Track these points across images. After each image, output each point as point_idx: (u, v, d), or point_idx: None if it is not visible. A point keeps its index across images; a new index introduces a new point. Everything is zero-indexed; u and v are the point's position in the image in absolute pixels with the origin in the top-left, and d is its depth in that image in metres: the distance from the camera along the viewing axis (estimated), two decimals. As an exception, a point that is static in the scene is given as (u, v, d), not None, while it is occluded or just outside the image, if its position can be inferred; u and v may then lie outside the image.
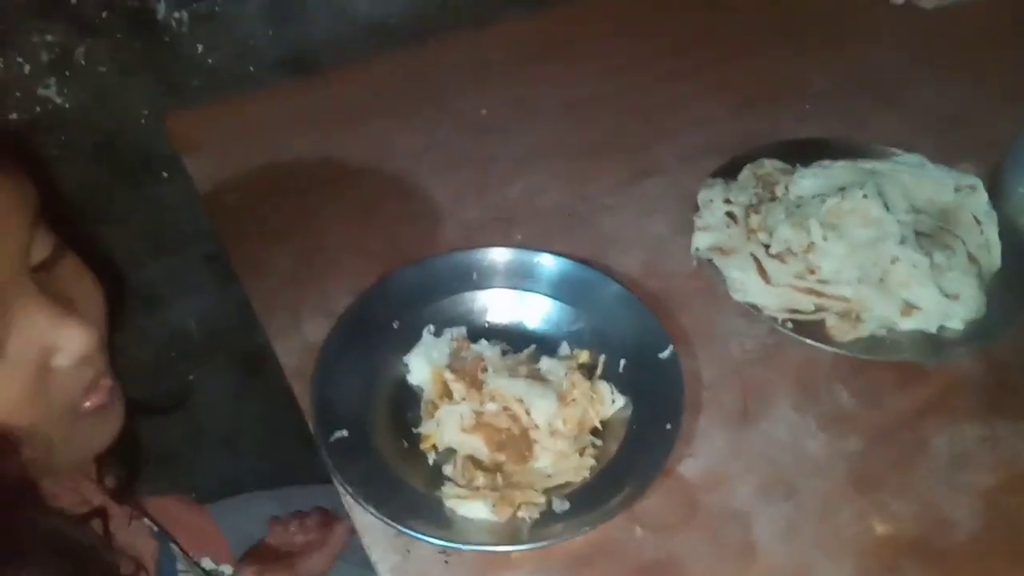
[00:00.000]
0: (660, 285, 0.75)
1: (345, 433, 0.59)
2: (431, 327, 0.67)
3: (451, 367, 0.63)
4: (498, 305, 0.70)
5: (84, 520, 0.53)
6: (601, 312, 0.68)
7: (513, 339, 0.67)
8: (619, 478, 0.58)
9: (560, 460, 0.60)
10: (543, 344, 0.67)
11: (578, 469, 0.60)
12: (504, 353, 0.65)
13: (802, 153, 0.81)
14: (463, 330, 0.67)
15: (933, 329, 0.67)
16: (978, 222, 0.73)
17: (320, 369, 0.63)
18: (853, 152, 0.80)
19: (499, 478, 0.59)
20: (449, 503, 0.57)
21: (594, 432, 0.62)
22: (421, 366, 0.65)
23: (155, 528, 0.70)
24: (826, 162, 0.78)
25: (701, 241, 0.73)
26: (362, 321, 0.66)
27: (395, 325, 0.67)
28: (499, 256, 0.70)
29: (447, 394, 0.63)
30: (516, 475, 0.60)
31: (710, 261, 0.72)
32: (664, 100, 0.96)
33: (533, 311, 0.69)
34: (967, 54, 1.01)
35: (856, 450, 0.63)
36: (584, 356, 0.66)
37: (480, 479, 0.58)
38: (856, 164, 0.77)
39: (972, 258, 0.70)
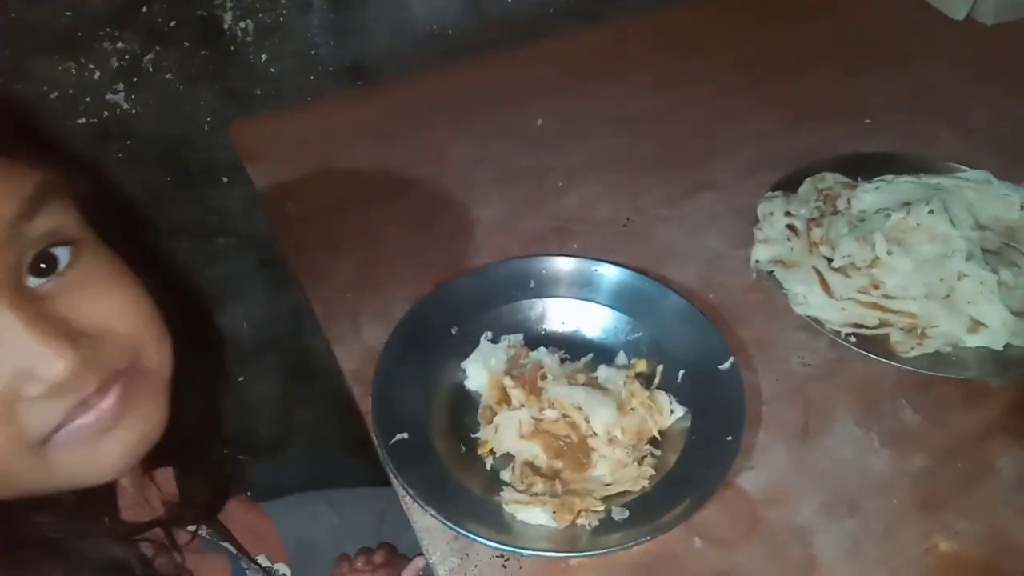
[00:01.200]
0: (718, 298, 0.74)
1: (405, 436, 0.60)
2: (489, 334, 0.67)
3: (509, 373, 0.63)
4: (555, 313, 0.70)
5: (133, 536, 0.52)
6: (659, 323, 0.68)
7: (571, 347, 0.67)
8: (679, 488, 0.58)
9: (618, 469, 0.60)
10: (600, 353, 0.67)
11: (637, 479, 0.59)
12: (563, 361, 0.65)
13: (864, 168, 0.81)
14: (520, 337, 0.68)
15: (1000, 347, 0.65)
16: (1047, 239, 0.71)
17: (380, 373, 0.63)
18: (917, 167, 0.79)
19: (557, 485, 0.59)
20: (508, 508, 0.57)
21: (652, 442, 0.62)
22: (479, 372, 0.65)
23: (228, 546, 0.70)
24: (889, 177, 0.77)
25: (761, 254, 0.73)
26: (421, 327, 0.67)
27: (453, 331, 0.68)
28: (557, 265, 0.71)
29: (505, 400, 0.63)
30: (574, 483, 0.60)
31: (771, 274, 0.72)
32: (718, 115, 0.96)
33: (590, 320, 0.69)
34: (1027, 69, 1.00)
35: (920, 468, 0.62)
36: (642, 366, 0.66)
37: (539, 485, 0.58)
38: (921, 180, 0.76)
39: (1041, 275, 0.68)
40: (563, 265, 0.71)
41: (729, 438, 0.59)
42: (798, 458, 0.63)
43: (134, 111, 0.88)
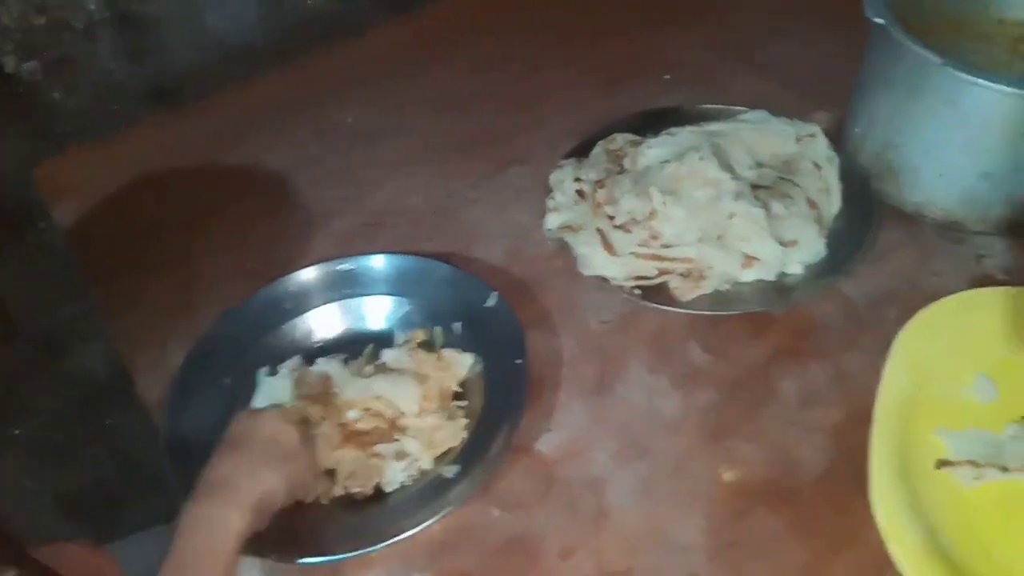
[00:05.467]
0: (523, 270, 0.76)
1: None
2: (264, 369, 0.67)
3: (300, 396, 0.63)
4: (325, 320, 0.71)
5: None
6: (426, 293, 0.71)
7: (351, 346, 0.69)
8: (494, 424, 0.62)
9: (436, 432, 0.62)
10: (380, 340, 0.69)
11: (455, 433, 0.62)
12: (346, 362, 0.66)
13: (654, 124, 0.83)
14: (297, 359, 0.67)
15: (772, 277, 0.69)
16: (818, 167, 0.75)
17: (172, 405, 0.64)
18: (700, 117, 0.82)
19: None
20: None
21: (457, 396, 0.65)
22: None
23: None
24: (674, 130, 0.80)
25: (552, 221, 0.75)
26: (205, 367, 0.67)
27: (227, 381, 0.67)
28: (317, 273, 0.72)
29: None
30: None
31: (563, 240, 0.74)
32: (533, 89, 0.98)
33: (359, 314, 0.71)
34: (827, 9, 1.03)
35: (708, 403, 0.65)
36: (420, 335, 0.68)
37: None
38: (702, 128, 0.79)
39: (812, 203, 0.72)
40: (324, 271, 0.73)
41: (518, 361, 0.64)
42: (594, 413, 0.65)
43: (-66, 167, 0.86)
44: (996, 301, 0.66)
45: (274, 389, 0.64)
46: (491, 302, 0.68)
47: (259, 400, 0.65)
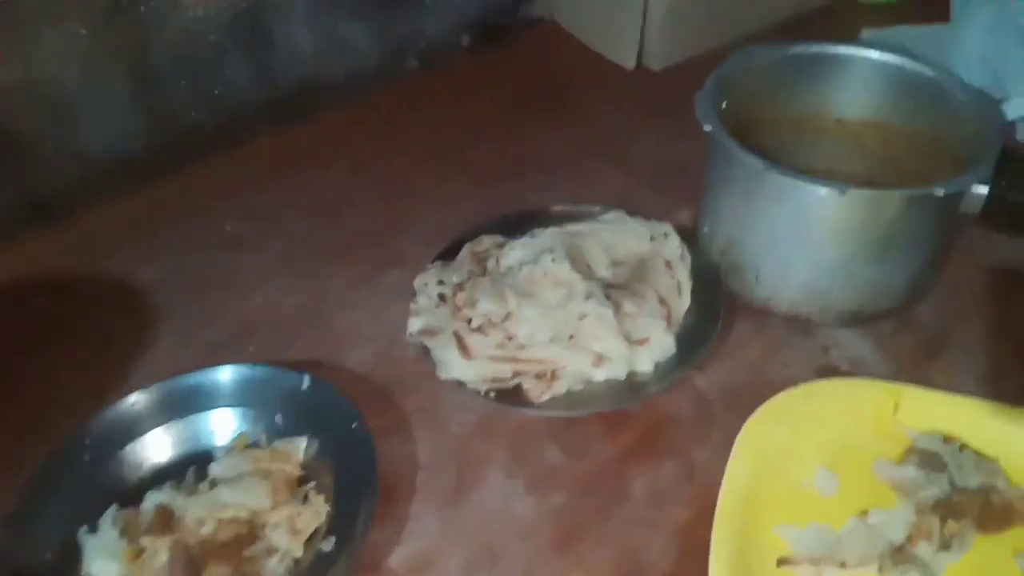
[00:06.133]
0: (389, 373, 0.77)
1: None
2: (84, 528, 0.62)
3: (134, 540, 0.60)
4: (156, 447, 0.68)
5: None
6: (246, 393, 0.70)
7: (183, 470, 0.66)
8: (354, 492, 0.63)
9: (297, 519, 0.62)
10: (207, 458, 0.67)
11: (317, 512, 0.62)
12: (179, 487, 0.64)
13: (522, 225, 0.86)
14: (113, 508, 0.63)
15: (623, 376, 0.70)
16: (670, 266, 0.77)
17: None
18: (565, 217, 0.85)
19: None
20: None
21: (303, 480, 0.65)
22: (108, 569, 0.59)
23: None
24: (537, 231, 0.82)
25: (413, 325, 0.75)
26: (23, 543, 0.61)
27: (47, 556, 0.60)
28: (151, 394, 0.70)
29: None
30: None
31: (424, 345, 0.74)
32: (411, 189, 1.00)
33: (192, 433, 0.69)
34: (689, 106, 1.09)
35: (560, 505, 0.65)
36: (243, 439, 0.68)
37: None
38: (563, 228, 0.82)
39: (663, 300, 0.74)
40: (160, 391, 0.70)
41: (354, 425, 0.66)
42: (448, 521, 0.65)
43: None
44: (837, 392, 0.69)
45: (101, 548, 0.60)
46: (305, 385, 0.69)
47: (94, 564, 0.60)
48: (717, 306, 0.75)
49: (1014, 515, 0.61)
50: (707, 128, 0.72)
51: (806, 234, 0.71)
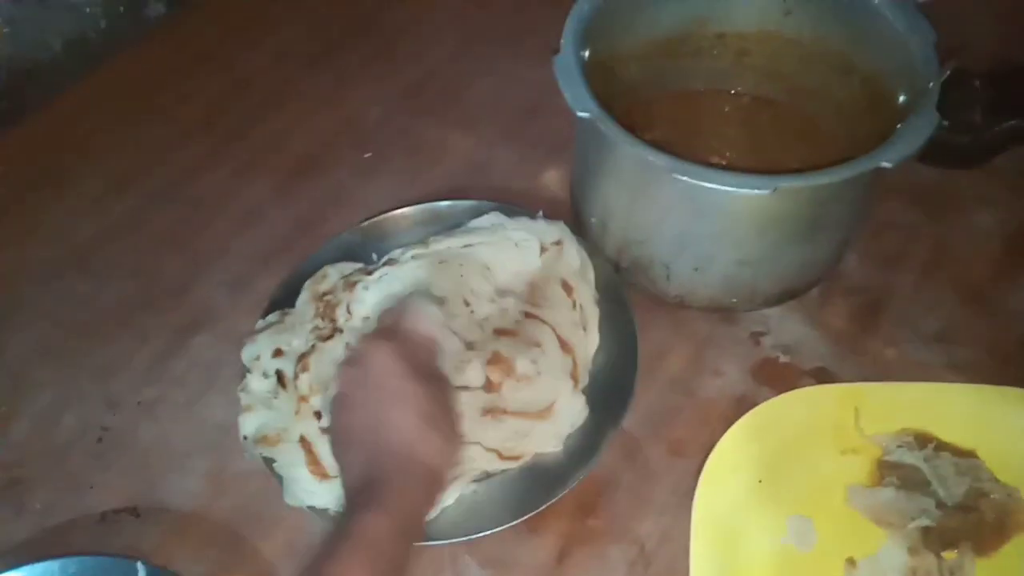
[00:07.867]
0: (229, 504, 0.57)
1: None
2: None
3: None
4: None
5: None
6: None
7: None
8: None
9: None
10: None
11: None
12: None
13: (366, 242, 0.66)
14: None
15: (531, 460, 0.55)
16: (568, 288, 0.60)
17: None
18: (421, 223, 0.66)
19: None
20: None
21: None
22: None
23: None
24: (396, 252, 0.63)
25: (246, 427, 0.56)
26: None
27: None
28: None
29: None
30: None
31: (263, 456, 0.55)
32: (190, 206, 0.75)
33: None
34: (523, 24, 0.87)
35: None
36: None
37: None
38: (428, 248, 0.62)
39: (565, 344, 0.58)
40: None
41: None
42: None
43: None
44: (789, 412, 0.57)
45: None
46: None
47: None
48: (629, 323, 0.60)
49: (1010, 522, 0.53)
50: (582, 115, 0.53)
51: (727, 233, 0.56)
